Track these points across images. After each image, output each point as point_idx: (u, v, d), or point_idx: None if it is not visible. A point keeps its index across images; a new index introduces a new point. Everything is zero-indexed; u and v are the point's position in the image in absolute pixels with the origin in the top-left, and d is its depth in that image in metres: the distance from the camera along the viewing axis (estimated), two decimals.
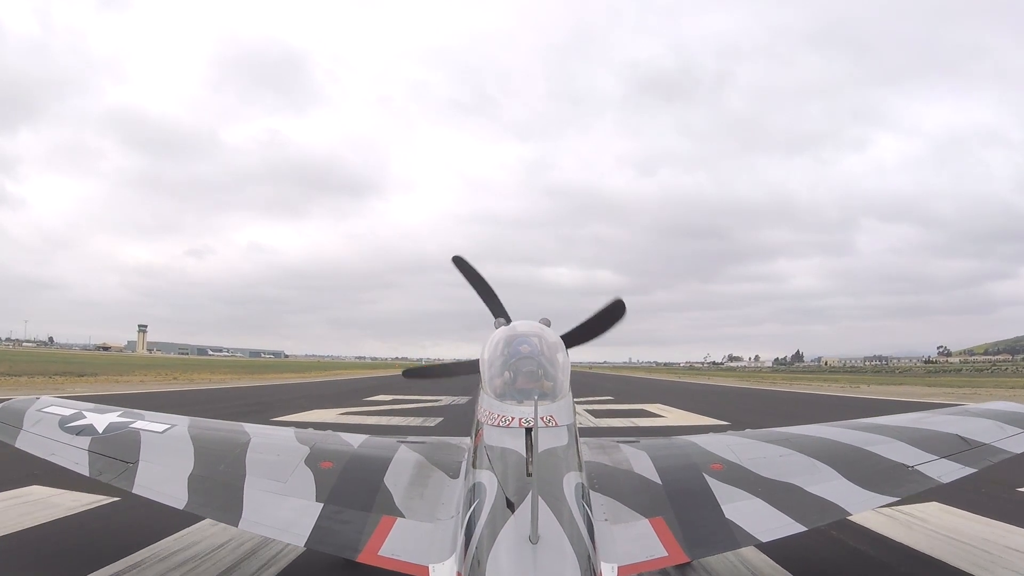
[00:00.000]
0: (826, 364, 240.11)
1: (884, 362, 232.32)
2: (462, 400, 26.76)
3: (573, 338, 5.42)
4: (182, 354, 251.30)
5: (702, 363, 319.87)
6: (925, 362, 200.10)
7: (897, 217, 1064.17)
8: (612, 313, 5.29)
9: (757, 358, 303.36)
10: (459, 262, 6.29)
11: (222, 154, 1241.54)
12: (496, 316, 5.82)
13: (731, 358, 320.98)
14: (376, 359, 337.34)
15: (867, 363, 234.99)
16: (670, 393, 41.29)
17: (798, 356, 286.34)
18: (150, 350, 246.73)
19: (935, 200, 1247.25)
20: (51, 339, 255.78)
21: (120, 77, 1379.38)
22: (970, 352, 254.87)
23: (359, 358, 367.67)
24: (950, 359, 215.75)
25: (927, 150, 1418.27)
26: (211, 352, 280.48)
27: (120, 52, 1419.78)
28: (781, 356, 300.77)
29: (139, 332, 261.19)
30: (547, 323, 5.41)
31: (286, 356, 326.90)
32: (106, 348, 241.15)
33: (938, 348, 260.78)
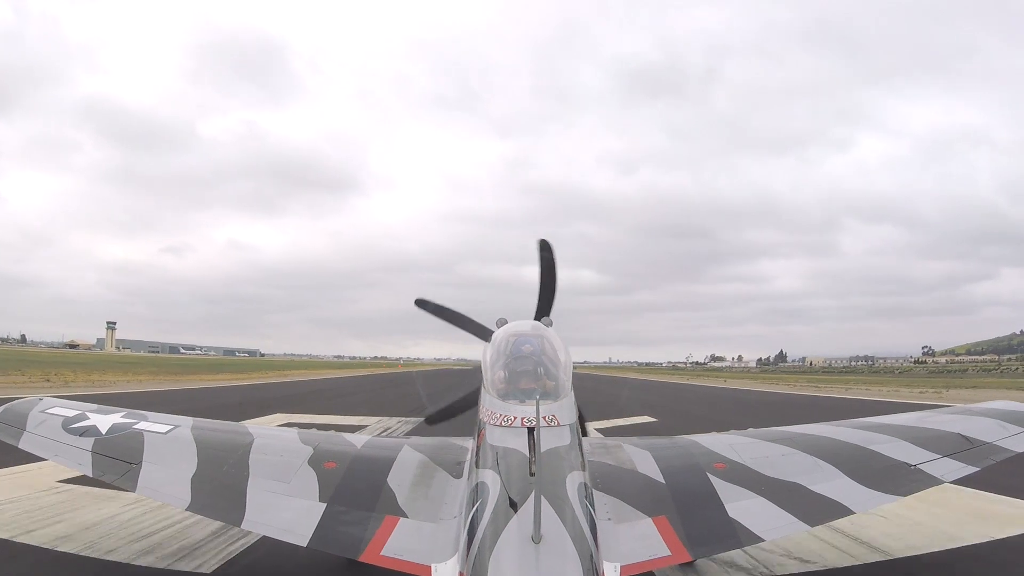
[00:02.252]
0: (811, 364, 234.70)
1: (871, 362, 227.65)
2: (408, 423, 19.53)
3: (543, 307, 5.74)
4: (152, 352, 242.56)
5: (684, 363, 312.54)
6: (915, 362, 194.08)
7: (881, 218, 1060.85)
8: (548, 260, 5.65)
9: (740, 358, 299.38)
10: (423, 304, 6.22)
11: (200, 147, 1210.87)
12: (483, 337, 5.70)
13: (714, 358, 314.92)
14: (355, 358, 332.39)
15: (854, 363, 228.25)
16: (728, 408, 31.94)
17: (782, 356, 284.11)
18: (119, 348, 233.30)
19: (919, 201, 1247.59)
20: (23, 336, 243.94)
21: (94, 66, 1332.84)
22: (952, 352, 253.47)
23: (338, 357, 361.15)
24: (936, 359, 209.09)
25: (913, 150, 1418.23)
26: (183, 350, 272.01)
27: (94, 39, 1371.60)
28: (763, 356, 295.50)
29: (107, 329, 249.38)
30: (549, 323, 5.51)
31: (262, 355, 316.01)
32: (74, 346, 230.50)
33: (923, 348, 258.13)
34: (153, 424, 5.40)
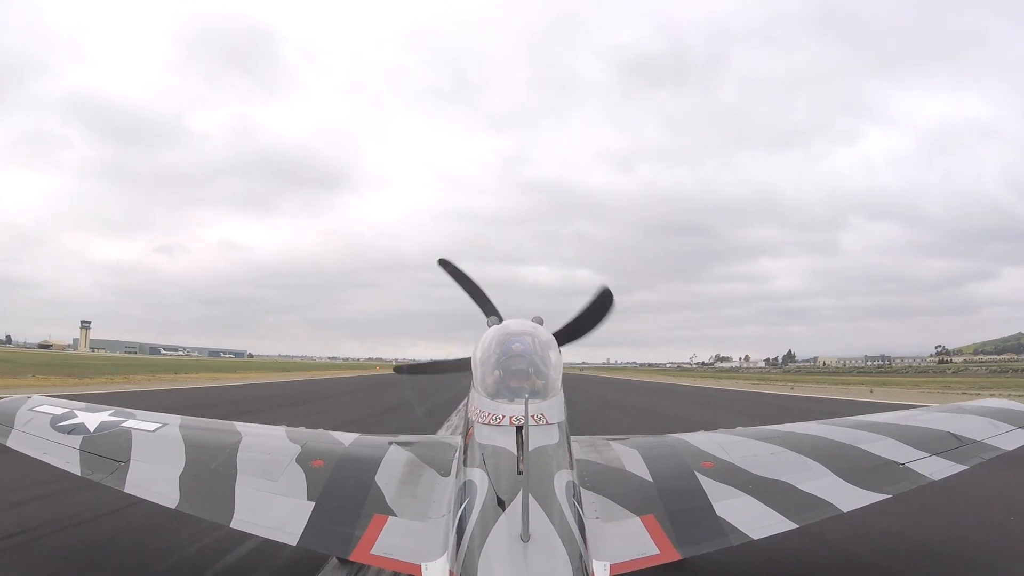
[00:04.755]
0: (824, 364, 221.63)
1: (887, 362, 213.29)
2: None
3: (565, 335, 5.51)
4: (130, 352, 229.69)
5: (689, 364, 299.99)
6: (940, 362, 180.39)
7: (884, 215, 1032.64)
8: (601, 304, 5.40)
9: (747, 358, 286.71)
10: (445, 264, 6.34)
11: (190, 142, 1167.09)
12: (488, 315, 5.88)
13: (720, 358, 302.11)
14: (349, 359, 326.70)
15: (869, 363, 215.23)
16: None
17: (790, 356, 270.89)
18: (92, 348, 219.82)
19: (926, 197, 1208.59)
20: (9, 337, 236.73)
21: (79, 57, 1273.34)
22: (959, 352, 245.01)
23: (332, 358, 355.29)
24: (955, 359, 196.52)
25: (919, 144, 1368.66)
26: (164, 351, 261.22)
27: (77, 28, 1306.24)
28: (767, 357, 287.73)
29: (82, 329, 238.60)
30: (539, 322, 5.57)
31: (250, 356, 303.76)
32: (47, 346, 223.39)
33: (936, 347, 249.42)
34: (141, 422, 5.43)
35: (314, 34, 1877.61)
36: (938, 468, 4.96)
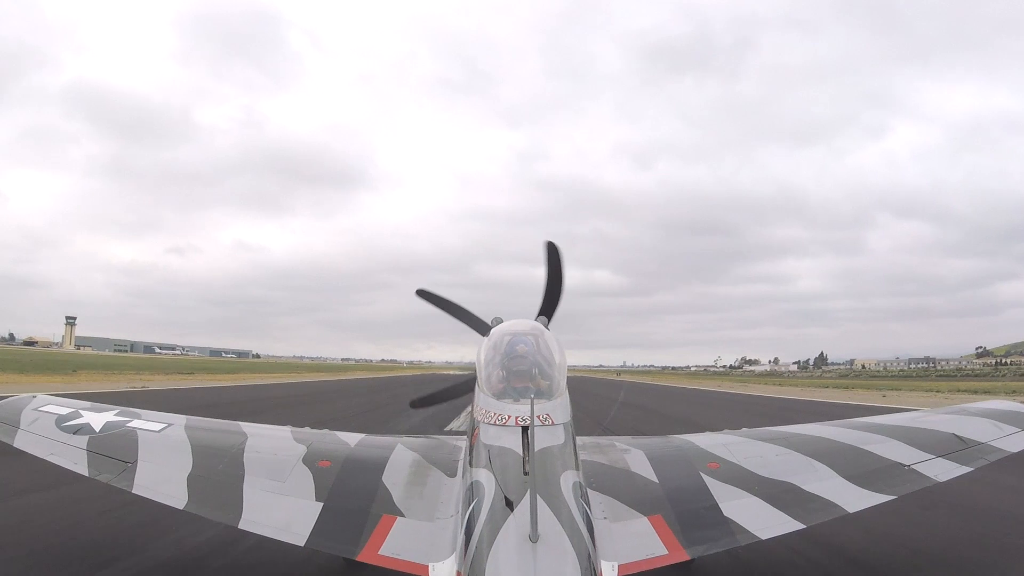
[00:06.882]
0: (863, 367, 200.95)
1: (931, 364, 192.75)
2: None
3: (546, 308, 5.55)
4: (120, 350, 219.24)
5: (715, 366, 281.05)
6: (997, 365, 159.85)
7: (913, 213, 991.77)
8: (556, 260, 5.46)
9: (776, 361, 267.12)
10: (424, 295, 6.34)
11: (197, 136, 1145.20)
12: (480, 331, 5.80)
13: (747, 361, 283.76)
14: (361, 360, 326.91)
15: (912, 367, 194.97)
16: None
17: (822, 359, 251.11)
18: (79, 346, 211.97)
19: (953, 194, 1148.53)
20: (12, 335, 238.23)
21: (78, 45, 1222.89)
22: (990, 354, 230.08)
23: (346, 359, 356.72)
24: (1008, 360, 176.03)
25: (948, 138, 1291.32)
26: (159, 350, 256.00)
27: (78, 15, 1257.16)
28: (793, 359, 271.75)
29: (66, 325, 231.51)
30: (545, 323, 5.51)
31: (256, 356, 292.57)
32: (31, 343, 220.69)
33: (977, 348, 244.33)
34: (146, 422, 5.40)
35: (320, 19, 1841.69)
36: (943, 470, 4.98)
